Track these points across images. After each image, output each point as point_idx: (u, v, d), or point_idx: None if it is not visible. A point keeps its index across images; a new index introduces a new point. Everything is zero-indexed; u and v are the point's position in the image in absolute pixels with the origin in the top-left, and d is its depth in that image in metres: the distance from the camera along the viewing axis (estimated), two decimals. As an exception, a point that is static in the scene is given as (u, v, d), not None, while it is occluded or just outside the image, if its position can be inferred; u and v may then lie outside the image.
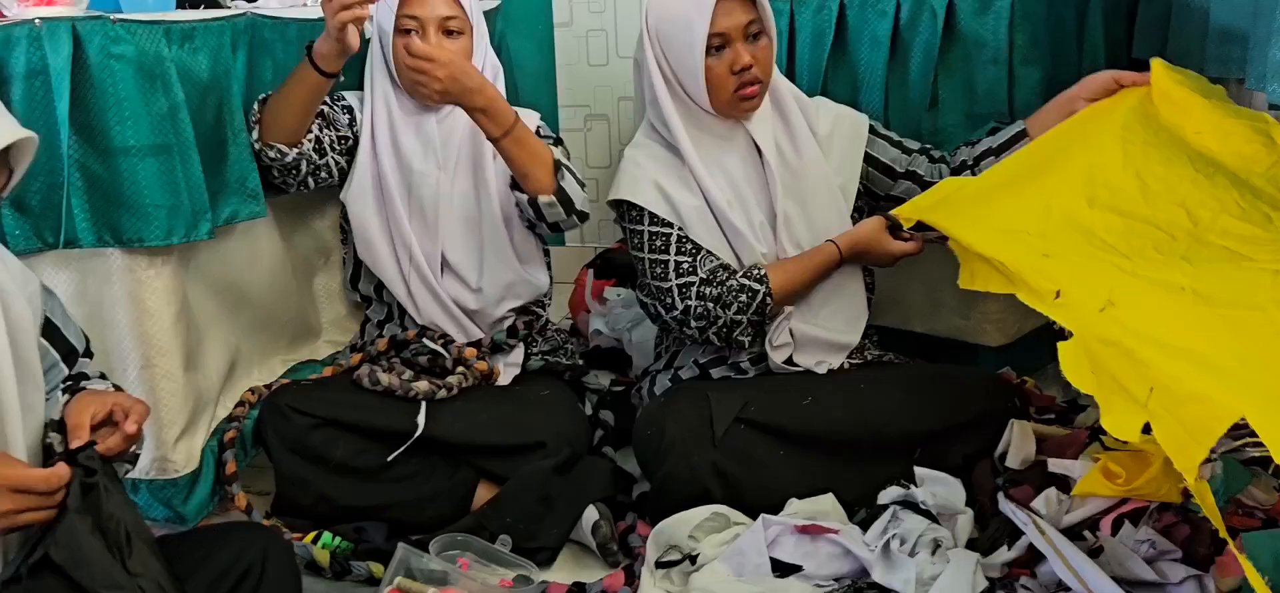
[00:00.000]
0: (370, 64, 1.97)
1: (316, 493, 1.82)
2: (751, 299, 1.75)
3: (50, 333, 1.32)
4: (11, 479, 1.09)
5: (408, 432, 1.81)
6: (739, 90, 1.75)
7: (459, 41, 1.91)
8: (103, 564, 1.12)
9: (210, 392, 1.86)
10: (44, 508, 1.12)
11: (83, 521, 1.12)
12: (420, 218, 1.96)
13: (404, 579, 1.60)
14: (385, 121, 1.96)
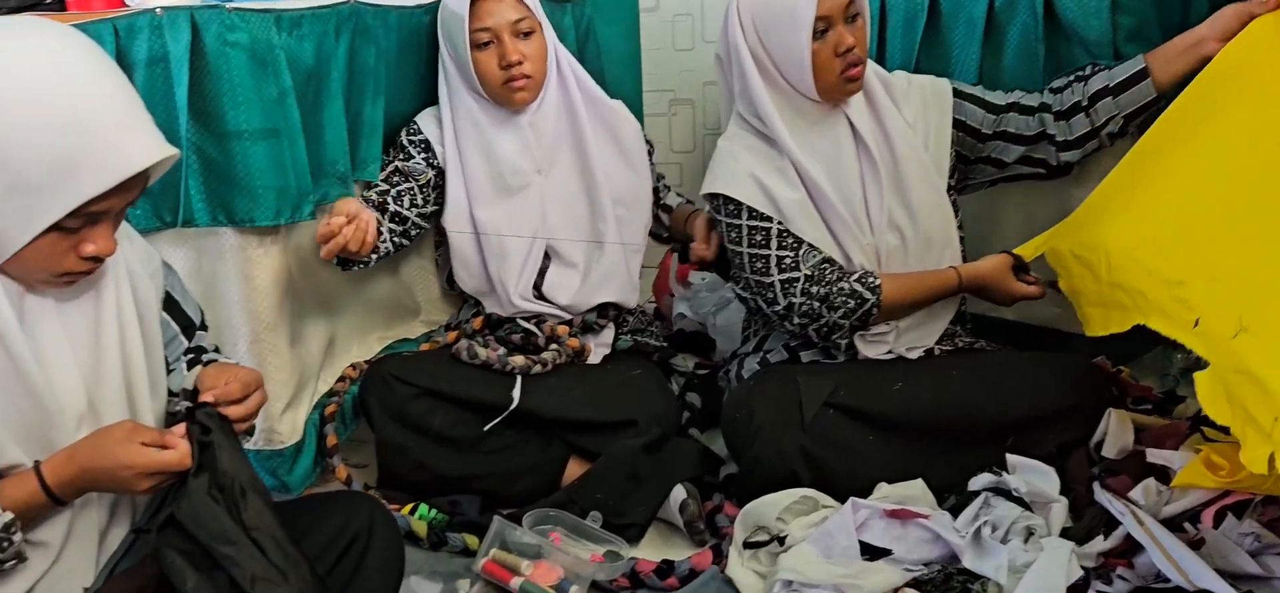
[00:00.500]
0: (445, 86, 2.00)
1: (415, 461, 1.87)
2: (859, 306, 1.74)
3: (171, 307, 1.39)
4: (146, 467, 1.15)
5: (503, 405, 1.85)
6: (845, 72, 1.74)
7: (534, 40, 1.93)
8: (218, 522, 1.17)
9: (313, 366, 1.93)
10: (175, 478, 1.18)
11: (201, 480, 1.18)
12: (522, 221, 1.99)
13: (499, 551, 1.64)
14: (473, 137, 1.98)
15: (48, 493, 1.14)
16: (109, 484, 1.17)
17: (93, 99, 1.08)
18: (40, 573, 1.18)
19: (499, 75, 1.91)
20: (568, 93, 2.01)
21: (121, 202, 1.14)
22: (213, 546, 1.16)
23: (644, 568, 1.66)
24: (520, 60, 1.90)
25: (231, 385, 1.26)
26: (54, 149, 1.05)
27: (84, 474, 1.15)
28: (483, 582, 1.63)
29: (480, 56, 1.92)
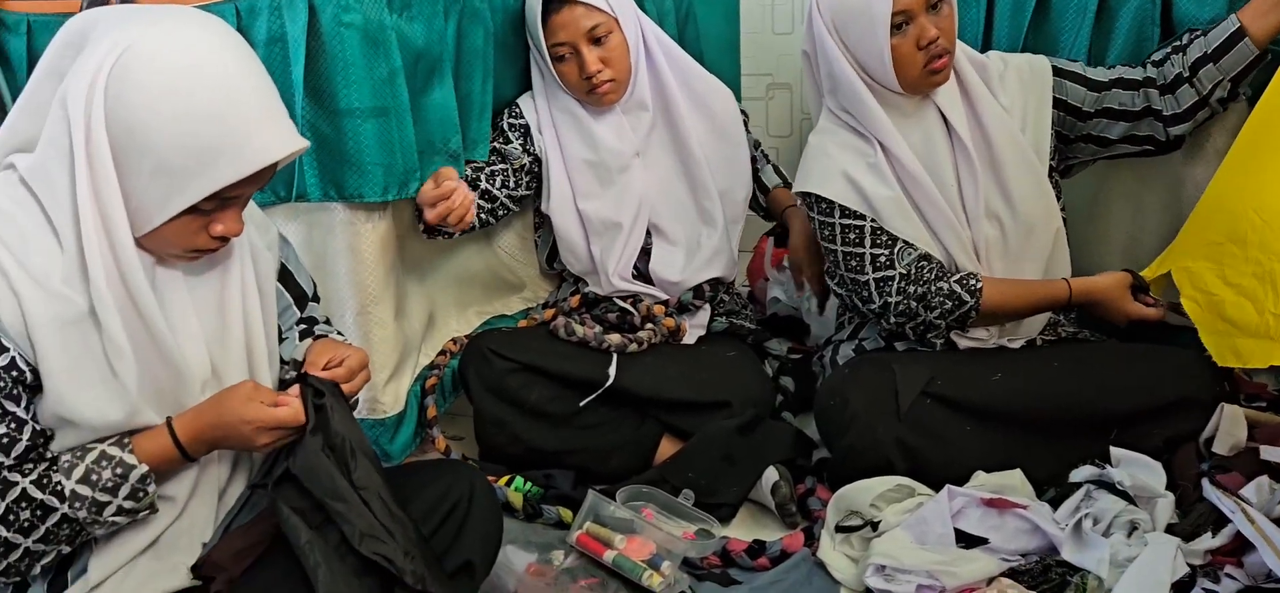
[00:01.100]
0: (539, 80, 2.03)
1: (511, 434, 1.91)
2: (956, 307, 1.72)
3: (285, 278, 1.45)
4: (265, 422, 1.22)
5: (599, 382, 1.88)
6: (928, 65, 1.70)
7: (612, 41, 1.93)
8: (330, 478, 1.23)
9: (415, 340, 1.99)
10: (292, 436, 1.25)
11: (315, 439, 1.24)
12: (624, 205, 2.01)
13: (593, 525, 1.67)
14: (570, 126, 2.01)
15: (178, 448, 1.20)
16: (231, 439, 1.23)
17: (236, 93, 1.13)
18: (166, 525, 1.25)
19: (582, 85, 1.94)
20: (658, 74, 2.01)
21: (252, 187, 1.20)
22: (325, 500, 1.22)
23: (735, 547, 1.68)
24: (599, 68, 1.91)
25: (338, 370, 1.32)
26: (198, 138, 1.11)
27: (210, 429, 1.22)
28: (576, 553, 1.66)
29: (561, 68, 1.95)
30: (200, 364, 1.25)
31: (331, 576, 1.21)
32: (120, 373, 1.16)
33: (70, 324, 1.13)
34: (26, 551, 1.14)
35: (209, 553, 1.27)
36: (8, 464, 1.13)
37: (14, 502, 1.12)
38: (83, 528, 1.16)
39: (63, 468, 1.14)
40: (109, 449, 1.16)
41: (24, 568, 1.16)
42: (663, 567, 1.59)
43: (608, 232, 2.00)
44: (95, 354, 1.15)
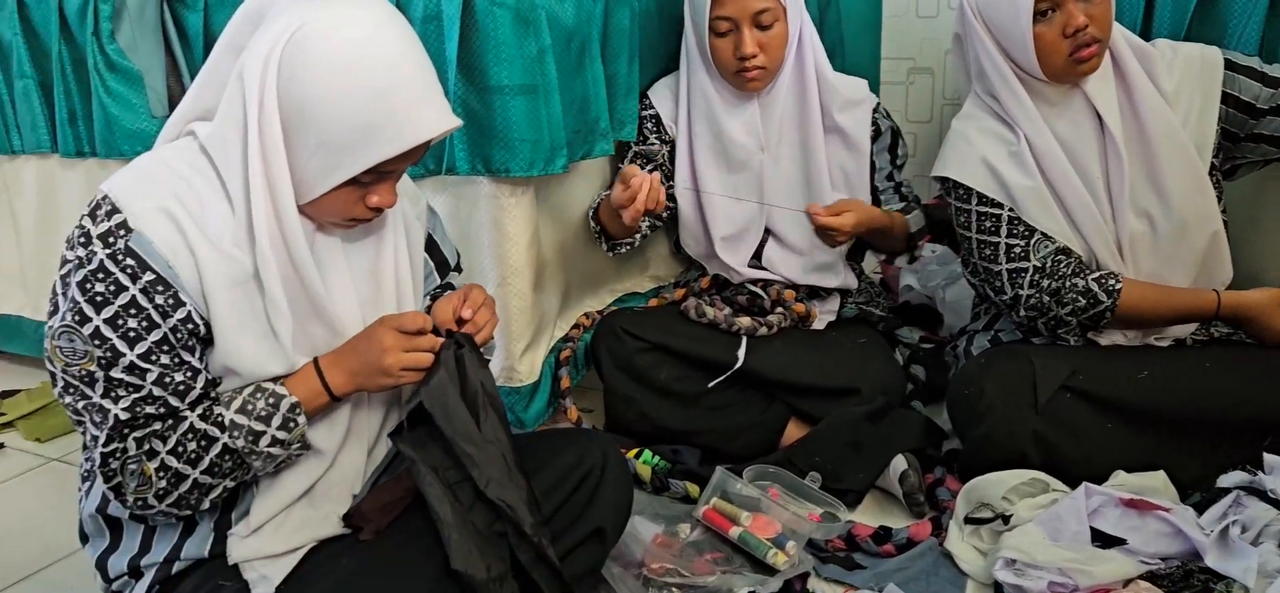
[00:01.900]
0: (685, 60, 2.04)
1: (639, 411, 1.96)
2: (1090, 306, 1.68)
3: (431, 247, 1.52)
4: (396, 324, 1.28)
5: (728, 364, 1.91)
6: (1074, 54, 1.65)
7: (774, 29, 1.92)
8: (463, 421, 1.29)
9: (551, 313, 2.05)
10: (420, 351, 1.29)
11: (452, 382, 1.29)
12: (744, 192, 2.02)
13: (720, 501, 1.70)
14: (704, 112, 2.02)
15: (322, 380, 1.27)
16: (370, 371, 1.28)
17: (399, 73, 1.20)
18: (319, 476, 1.33)
19: (733, 64, 1.94)
20: (803, 76, 1.99)
21: (407, 162, 1.26)
22: (456, 440, 1.27)
23: (861, 532, 1.68)
24: (755, 53, 1.91)
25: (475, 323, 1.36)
26: (361, 115, 1.18)
27: (347, 353, 1.28)
28: (702, 528, 1.69)
29: (717, 42, 1.94)
30: (352, 325, 1.32)
31: (462, 540, 1.26)
32: (279, 332, 1.24)
33: (238, 284, 1.22)
34: (195, 482, 1.23)
35: (358, 504, 1.35)
36: (183, 409, 1.22)
37: (183, 434, 1.21)
38: (243, 460, 1.24)
39: (223, 400, 1.23)
40: (263, 384, 1.25)
41: (194, 501, 1.25)
42: (788, 546, 1.60)
43: (727, 221, 2.01)
44: (258, 313, 1.23)
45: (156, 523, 1.31)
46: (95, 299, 1.17)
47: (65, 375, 1.21)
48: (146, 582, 1.31)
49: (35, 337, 2.71)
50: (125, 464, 1.21)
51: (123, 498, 1.23)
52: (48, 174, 2.47)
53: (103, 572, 1.35)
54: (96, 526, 1.35)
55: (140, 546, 1.32)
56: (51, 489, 2.18)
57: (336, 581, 1.29)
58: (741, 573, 1.58)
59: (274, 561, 1.31)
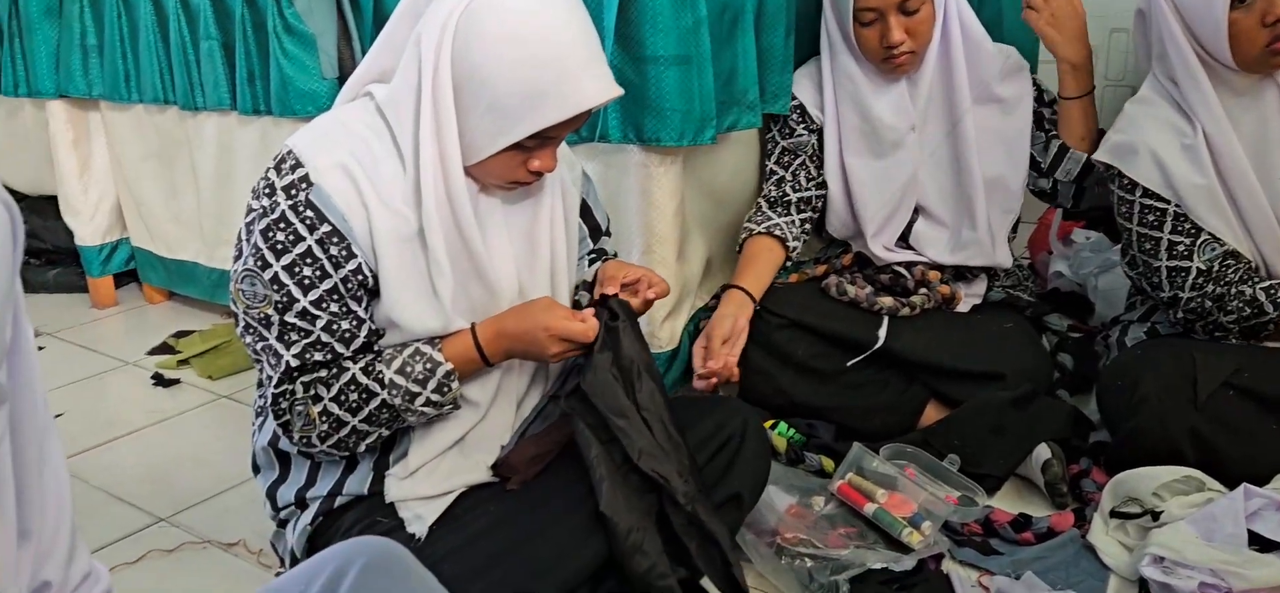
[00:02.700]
0: (826, 44, 2.02)
1: (775, 386, 1.96)
2: (1255, 316, 1.61)
3: (584, 212, 1.57)
4: (560, 331, 1.33)
5: (868, 343, 1.90)
6: (1272, 45, 1.56)
7: (921, 12, 1.88)
8: (615, 396, 1.33)
9: (692, 282, 2.08)
10: (581, 350, 1.35)
11: (605, 357, 1.34)
12: (893, 178, 1.99)
13: (855, 476, 1.71)
14: (850, 95, 2.00)
15: (479, 350, 1.34)
16: (527, 346, 1.34)
17: (566, 41, 1.25)
18: (471, 426, 1.40)
19: (879, 52, 1.91)
20: (950, 52, 1.95)
21: (569, 129, 1.31)
22: (609, 416, 1.32)
23: (999, 518, 1.66)
24: (903, 40, 1.88)
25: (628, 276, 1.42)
26: (529, 81, 1.23)
27: (507, 336, 1.34)
28: (836, 502, 1.70)
29: (862, 31, 1.91)
30: (510, 285, 1.39)
31: (613, 490, 1.31)
32: (439, 290, 1.31)
33: (404, 241, 1.29)
34: (354, 428, 1.31)
35: (506, 455, 1.42)
36: (347, 355, 1.30)
37: (345, 385, 1.29)
38: (398, 414, 1.32)
39: (384, 359, 1.31)
40: (422, 347, 1.32)
41: (352, 444, 1.34)
42: (923, 526, 1.60)
43: (873, 202, 2.00)
44: (421, 271, 1.31)
45: (321, 460, 1.41)
46: (275, 247, 1.26)
47: (246, 317, 1.31)
48: (311, 513, 1.41)
49: (208, 282, 2.91)
50: (293, 406, 1.30)
51: (290, 435, 1.33)
52: (227, 130, 2.64)
53: (272, 501, 1.45)
54: (268, 458, 1.45)
55: (306, 479, 1.42)
56: (222, 423, 2.34)
57: (485, 524, 1.36)
58: (875, 549, 1.59)
59: (427, 502, 1.39)
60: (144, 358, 2.73)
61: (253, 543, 1.80)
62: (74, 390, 2.55)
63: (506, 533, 1.35)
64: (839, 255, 2.12)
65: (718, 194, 2.10)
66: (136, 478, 2.08)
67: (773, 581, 1.57)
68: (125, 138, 2.93)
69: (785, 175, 2.04)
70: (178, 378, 2.58)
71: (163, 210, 2.94)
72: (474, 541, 1.34)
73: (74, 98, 2.96)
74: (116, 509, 1.96)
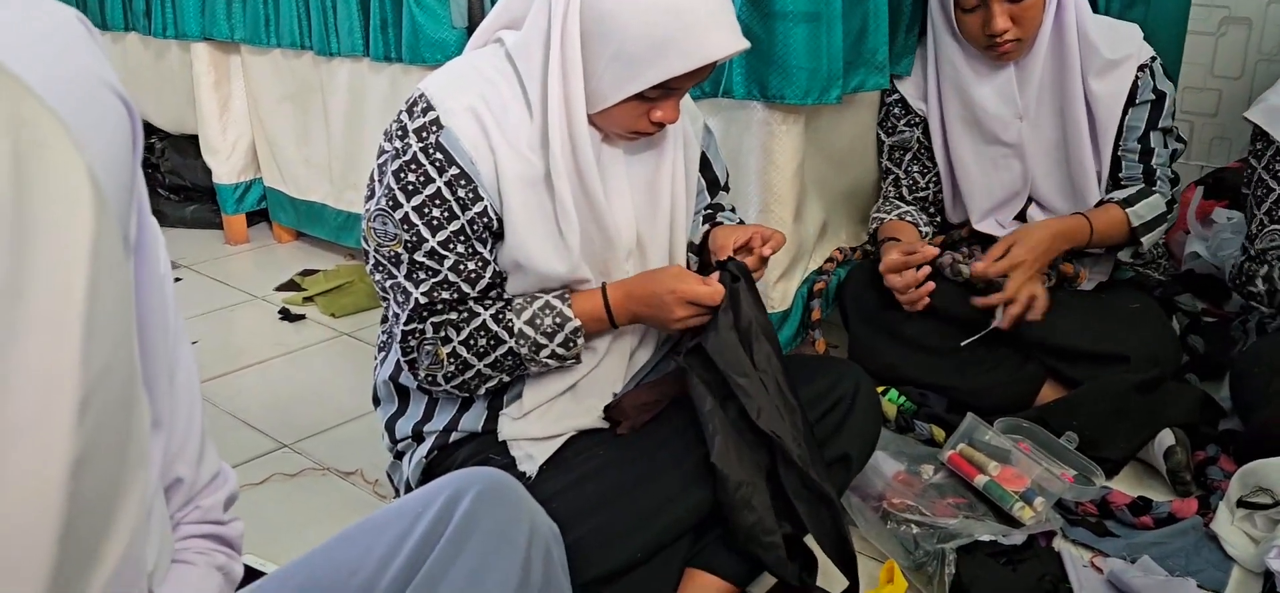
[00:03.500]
0: (931, 27, 1.98)
1: (884, 362, 1.94)
2: None
3: (703, 165, 1.58)
4: (689, 294, 1.35)
5: (984, 321, 1.86)
6: None
7: (1028, 1, 1.81)
8: (735, 355, 1.35)
9: (808, 243, 2.08)
10: (705, 317, 1.37)
11: (726, 317, 1.36)
12: (1001, 168, 1.95)
13: (967, 447, 1.69)
14: (953, 82, 1.96)
15: (607, 311, 1.38)
16: (653, 311, 1.38)
17: None
18: (584, 373, 1.44)
19: (982, 39, 1.86)
20: (1062, 35, 1.87)
21: (693, 81, 1.32)
22: (730, 375, 1.34)
23: (1117, 500, 1.62)
24: (1007, 28, 1.82)
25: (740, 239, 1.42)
26: (657, 30, 1.25)
27: (635, 299, 1.38)
28: (946, 471, 1.69)
29: (965, 17, 1.87)
30: (629, 234, 1.41)
31: (726, 443, 1.34)
32: (565, 233, 1.34)
33: (530, 185, 1.32)
34: (478, 372, 1.36)
35: (618, 400, 1.45)
36: (473, 296, 1.35)
37: (475, 329, 1.34)
38: (522, 363, 1.36)
39: (515, 308, 1.35)
40: (553, 301, 1.36)
41: (473, 386, 1.39)
42: (1036, 502, 1.58)
43: (980, 191, 1.96)
44: (547, 215, 1.34)
45: (439, 397, 1.46)
46: (407, 188, 1.31)
47: (376, 255, 1.37)
48: (426, 446, 1.47)
49: (335, 224, 3.03)
50: (422, 345, 1.36)
51: (415, 373, 1.39)
52: (358, 76, 2.74)
53: (390, 433, 1.52)
54: (388, 392, 1.52)
55: (424, 413, 1.48)
56: (343, 359, 2.45)
57: (593, 467, 1.40)
58: (984, 521, 1.57)
59: (538, 443, 1.43)
60: (272, 294, 2.87)
61: (369, 474, 1.89)
62: (206, 321, 2.70)
63: (614, 477, 1.39)
64: (955, 230, 2.08)
65: (838, 157, 2.08)
66: (262, 406, 2.20)
67: (877, 545, 1.58)
68: (263, 81, 3.07)
69: (900, 174, 2.04)
70: (303, 314, 2.71)
71: (294, 152, 3.07)
72: (582, 482, 1.38)
73: (217, 41, 3.12)
74: (244, 434, 2.08)
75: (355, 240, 2.96)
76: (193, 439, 0.84)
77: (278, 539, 1.65)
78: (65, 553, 0.30)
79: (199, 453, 0.85)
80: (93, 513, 0.32)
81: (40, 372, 0.29)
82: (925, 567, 1.47)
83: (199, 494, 0.87)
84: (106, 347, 0.31)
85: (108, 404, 0.31)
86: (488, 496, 0.95)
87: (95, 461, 0.31)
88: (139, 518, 0.36)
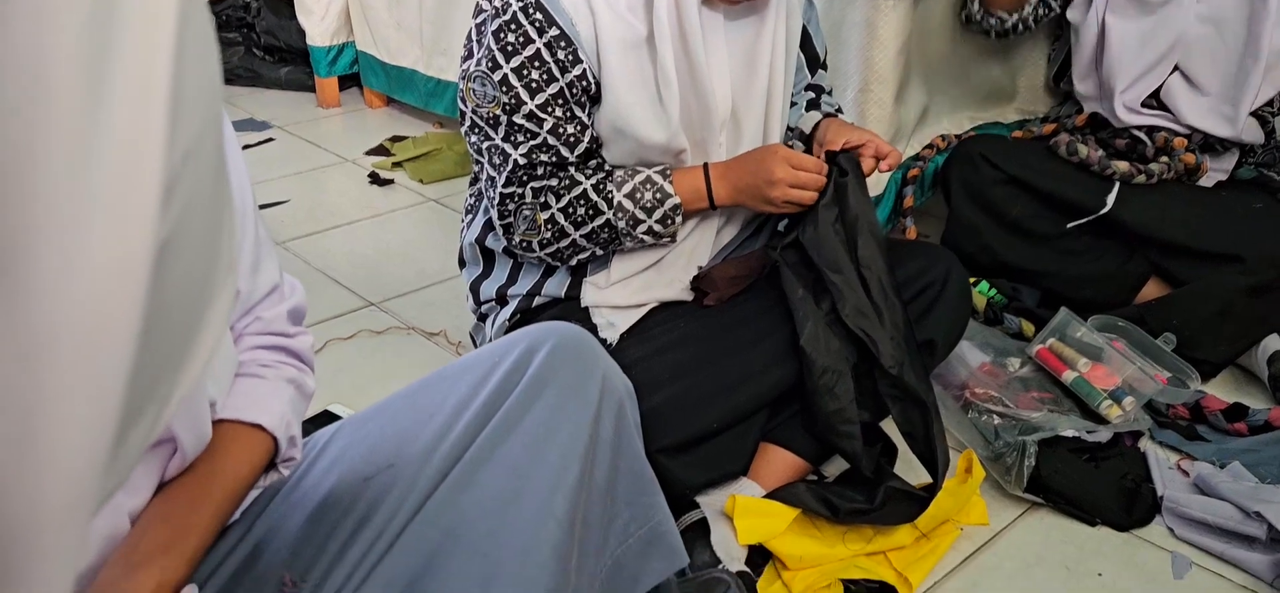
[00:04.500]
0: None
1: (983, 243, 1.93)
2: None
3: (804, 40, 1.56)
4: (791, 176, 1.35)
5: (1093, 208, 1.83)
6: None
7: None
8: (833, 251, 1.36)
9: (906, 127, 2.05)
10: (806, 190, 1.36)
11: (829, 212, 1.36)
12: (1155, 35, 1.87)
13: (1057, 342, 1.67)
14: None
15: (707, 189, 1.39)
16: (755, 192, 1.38)
17: None
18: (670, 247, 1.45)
19: None
20: None
21: None
22: (824, 270, 1.35)
23: (1211, 405, 1.60)
24: None
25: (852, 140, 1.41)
26: None
27: (737, 179, 1.38)
28: (1034, 365, 1.68)
29: None
30: (724, 104, 1.41)
31: (815, 330, 1.34)
32: (665, 100, 1.35)
33: (630, 47, 1.33)
34: (573, 241, 1.39)
35: (708, 270, 1.47)
36: (572, 160, 1.37)
37: (575, 198, 1.36)
38: (618, 237, 1.38)
39: (615, 181, 1.37)
40: (654, 176, 1.37)
41: (567, 255, 1.42)
42: (1124, 401, 1.56)
43: (1127, 62, 1.88)
44: (647, 78, 1.35)
45: (524, 262, 1.50)
46: (506, 48, 1.32)
47: (474, 116, 1.39)
48: (509, 309, 1.51)
49: (425, 90, 3.07)
50: (520, 209, 1.38)
51: (510, 237, 1.41)
52: (451, -62, 2.75)
53: (474, 295, 1.56)
54: (474, 254, 1.56)
55: (508, 277, 1.52)
56: (429, 224, 2.51)
57: (675, 338, 1.43)
58: (1068, 416, 1.56)
59: (621, 311, 1.46)
60: (361, 157, 2.94)
61: (453, 335, 1.95)
62: (297, 181, 2.78)
63: (695, 349, 1.41)
64: (1072, 115, 2.02)
65: (947, 41, 2.04)
66: (350, 265, 2.27)
67: (956, 434, 1.59)
68: (356, -60, 3.10)
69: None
70: (391, 179, 2.77)
71: (386, 16, 3.10)
72: (663, 352, 1.41)
73: (313, -103, 3.14)
74: (333, 291, 2.16)
75: (444, 108, 3.00)
76: (246, 248, 0.85)
77: (365, 393, 1.73)
78: (146, 350, 0.28)
79: (253, 262, 0.87)
80: (176, 311, 0.30)
81: (125, 143, 0.27)
82: (1004, 458, 1.48)
83: (257, 305, 0.89)
84: (191, 131, 0.30)
85: (194, 195, 0.30)
86: (563, 350, 0.97)
87: (181, 254, 0.29)
88: (222, 328, 0.34)
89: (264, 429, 0.83)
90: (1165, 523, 1.43)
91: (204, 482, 0.77)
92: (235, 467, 0.81)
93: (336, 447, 0.95)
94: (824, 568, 1.33)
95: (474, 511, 0.84)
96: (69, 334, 0.25)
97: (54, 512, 0.26)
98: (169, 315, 0.30)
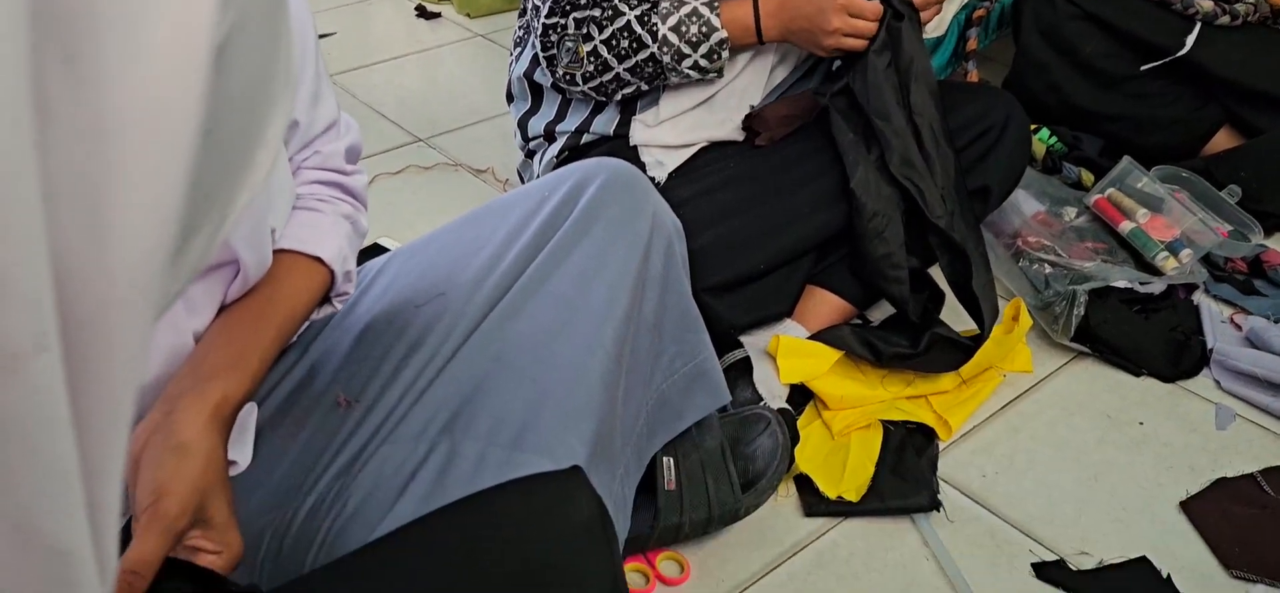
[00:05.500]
0: None
1: (1050, 82, 1.89)
2: None
3: None
4: (849, 4, 1.32)
5: (1170, 49, 1.78)
6: None
7: None
8: (883, 100, 1.35)
9: (972, -36, 1.99)
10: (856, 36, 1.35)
11: (880, 58, 1.35)
12: None
13: (1116, 192, 1.66)
14: None
15: (756, 24, 1.38)
16: (806, 26, 1.37)
17: None
18: (723, 84, 1.46)
19: None
20: None
21: None
22: (873, 118, 1.35)
23: (1272, 259, 1.60)
24: None
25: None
26: None
27: (788, 12, 1.37)
28: (1090, 215, 1.68)
29: None
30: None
31: (866, 174, 1.35)
32: None
33: None
34: (617, 75, 1.40)
35: (760, 109, 1.47)
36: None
37: (619, 30, 1.36)
38: (663, 71, 1.39)
39: (660, 12, 1.37)
40: (700, 9, 1.36)
41: (610, 90, 1.42)
42: (1182, 254, 1.56)
43: None
44: None
45: (572, 98, 1.50)
46: None
47: (519, -58, 1.38)
48: (558, 146, 1.53)
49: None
50: (562, 41, 1.38)
51: (553, 70, 1.42)
52: None
53: (522, 131, 1.58)
54: (521, 88, 1.57)
55: (557, 113, 1.53)
56: (476, 60, 2.51)
57: (724, 178, 1.45)
58: (1122, 267, 1.56)
59: (670, 150, 1.48)
60: (408, -11, 2.92)
61: (500, 172, 1.98)
62: (343, 14, 2.78)
63: (744, 189, 1.43)
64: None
65: None
66: (397, 100, 2.29)
67: (1005, 282, 1.60)
68: None
69: None
70: (438, 12, 2.76)
71: None
72: (711, 192, 1.43)
73: None
74: (380, 125, 2.18)
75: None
76: (305, 78, 0.87)
77: (412, 228, 1.77)
78: (206, 150, 0.29)
79: (312, 96, 0.89)
80: (236, 114, 0.31)
81: None
82: (1053, 307, 1.49)
83: (316, 139, 0.92)
84: None
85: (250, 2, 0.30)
86: (613, 185, 0.99)
87: (238, 59, 0.30)
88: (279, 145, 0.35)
89: (322, 262, 0.86)
90: (1212, 375, 1.44)
91: (264, 306, 0.81)
92: (293, 294, 0.84)
93: (388, 275, 0.99)
94: (864, 409, 1.36)
95: (523, 339, 0.88)
96: (135, 121, 0.26)
97: (124, 293, 0.28)
98: (228, 120, 0.30)
